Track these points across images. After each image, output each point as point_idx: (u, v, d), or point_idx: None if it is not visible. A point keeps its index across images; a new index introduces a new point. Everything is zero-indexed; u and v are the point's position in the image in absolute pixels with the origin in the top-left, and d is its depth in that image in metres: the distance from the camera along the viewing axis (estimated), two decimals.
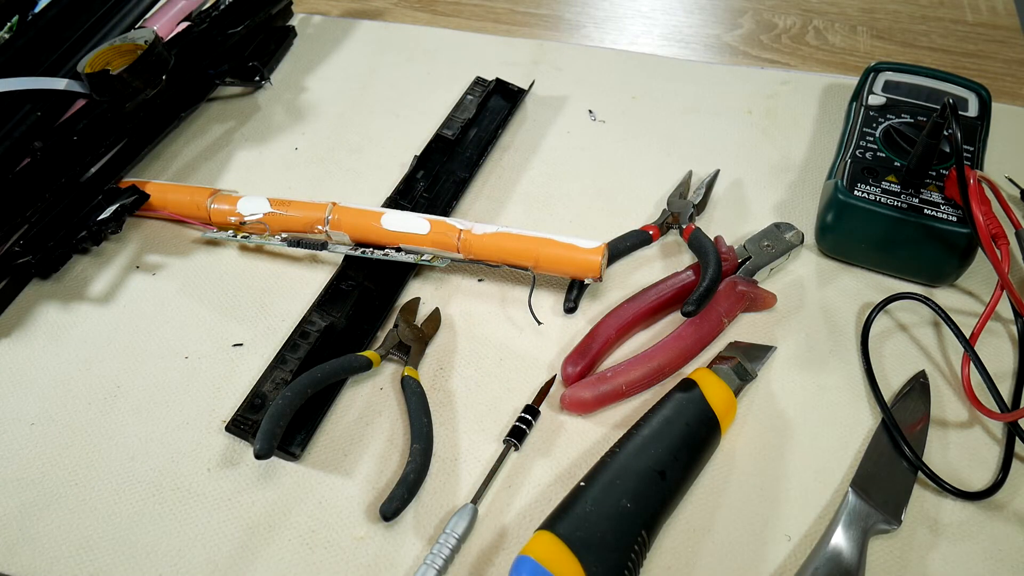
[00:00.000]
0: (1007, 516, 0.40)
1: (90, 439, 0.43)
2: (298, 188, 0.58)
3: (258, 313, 0.50)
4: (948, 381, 0.46)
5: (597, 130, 0.62)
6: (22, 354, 0.48)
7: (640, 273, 0.51)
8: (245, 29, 0.64)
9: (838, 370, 0.46)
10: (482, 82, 0.64)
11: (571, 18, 0.75)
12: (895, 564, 0.38)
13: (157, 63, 0.55)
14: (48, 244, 0.50)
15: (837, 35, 0.72)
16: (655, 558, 0.39)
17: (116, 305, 0.50)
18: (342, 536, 0.40)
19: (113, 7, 0.60)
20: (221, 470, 0.42)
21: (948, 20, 0.73)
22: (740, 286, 0.48)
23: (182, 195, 0.53)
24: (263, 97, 0.65)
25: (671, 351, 0.45)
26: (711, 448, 0.41)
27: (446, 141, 0.59)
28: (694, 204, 0.54)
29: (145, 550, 0.39)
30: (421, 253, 0.49)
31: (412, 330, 0.47)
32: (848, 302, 0.49)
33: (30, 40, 0.56)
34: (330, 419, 0.44)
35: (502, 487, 0.41)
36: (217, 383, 0.46)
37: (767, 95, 0.64)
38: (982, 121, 0.54)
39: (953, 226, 0.46)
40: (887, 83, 0.57)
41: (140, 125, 0.56)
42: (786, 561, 0.39)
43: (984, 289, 0.50)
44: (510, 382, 0.46)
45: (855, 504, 0.39)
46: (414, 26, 0.73)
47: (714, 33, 0.72)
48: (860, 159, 0.51)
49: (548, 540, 0.35)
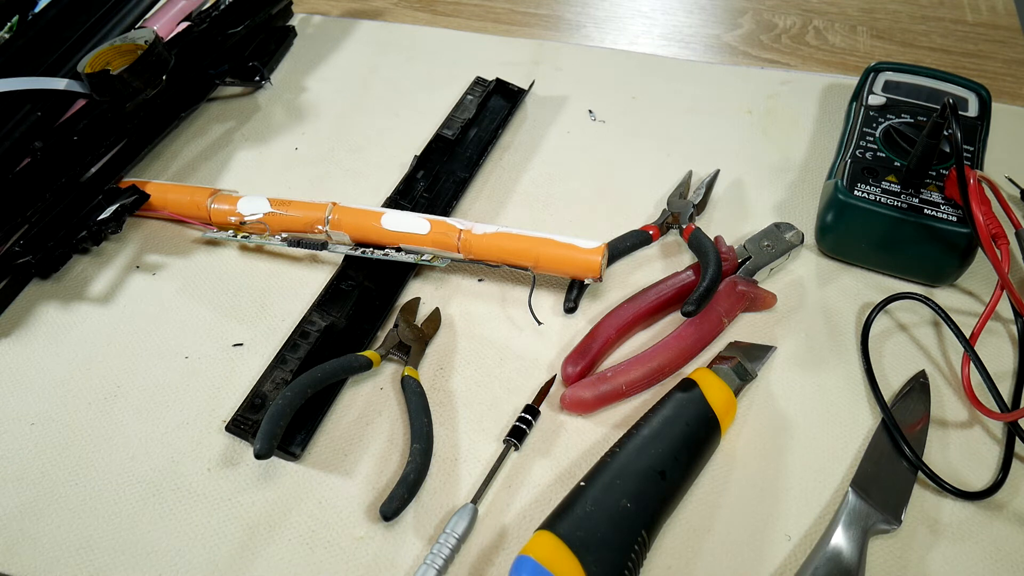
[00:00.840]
0: (1007, 516, 0.40)
1: (90, 439, 0.43)
2: (298, 188, 0.58)
3: (258, 313, 0.50)
4: (948, 381, 0.46)
5: (597, 130, 0.62)
6: (22, 354, 0.48)
7: (640, 273, 0.51)
8: (245, 29, 0.64)
9: (838, 370, 0.46)
10: (482, 82, 0.64)
11: (571, 18, 0.75)
12: (895, 564, 0.38)
13: (157, 63, 0.55)
14: (48, 244, 0.50)
15: (837, 35, 0.72)
16: (655, 558, 0.39)
17: (116, 305, 0.50)
18: (342, 536, 0.40)
19: (113, 7, 0.60)
20: (221, 470, 0.42)
21: (948, 20, 0.73)
22: (740, 286, 0.48)
23: (182, 195, 0.53)
24: (263, 97, 0.65)
25: (671, 351, 0.45)
26: (711, 448, 0.41)
27: (446, 141, 0.59)
28: (694, 204, 0.54)
29: (145, 550, 0.39)
30: (421, 253, 0.49)
31: (412, 330, 0.47)
32: (848, 302, 0.49)
33: (30, 40, 0.56)
34: (330, 419, 0.44)
35: (502, 487, 0.41)
36: (217, 383, 0.46)
37: (767, 95, 0.64)
38: (982, 121, 0.54)
39: (953, 226, 0.46)
40: (887, 83, 0.57)
41: (140, 125, 0.56)
42: (786, 561, 0.39)
43: (984, 289, 0.50)
44: (510, 382, 0.46)
45: (855, 504, 0.39)
46: (414, 26, 0.73)
47: (714, 33, 0.72)
48: (860, 159, 0.51)
49: (548, 540, 0.35)
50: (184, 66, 0.58)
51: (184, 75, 0.59)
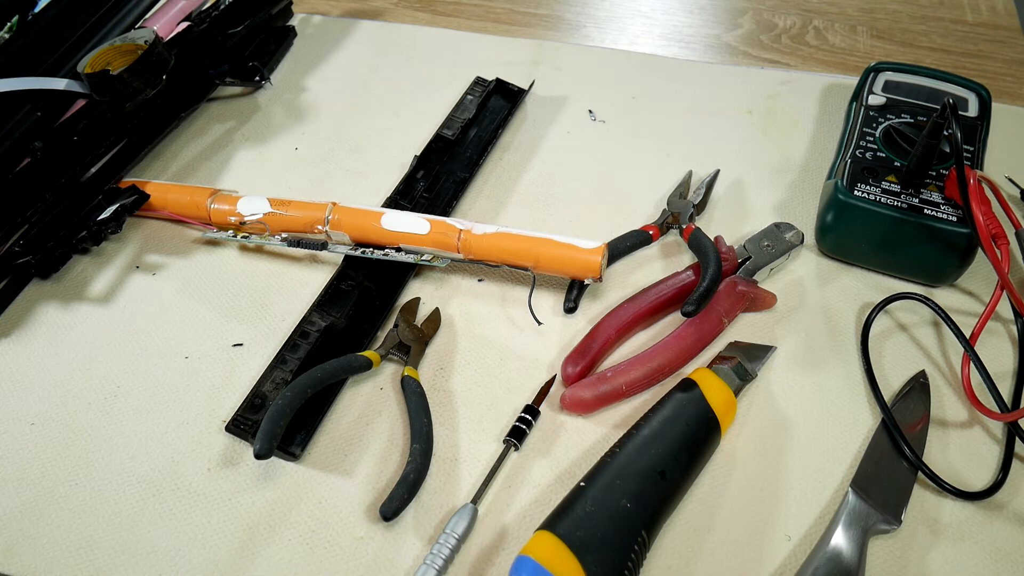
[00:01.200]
0: (1007, 516, 0.40)
1: (90, 439, 0.43)
2: (298, 188, 0.58)
3: (258, 313, 0.50)
4: (948, 381, 0.46)
5: (597, 130, 0.62)
6: (22, 354, 0.48)
7: (640, 273, 0.51)
8: (245, 29, 0.64)
9: (838, 370, 0.46)
10: (482, 82, 0.64)
11: (571, 18, 0.75)
12: (895, 564, 0.38)
13: (157, 63, 0.55)
14: (48, 244, 0.50)
15: (837, 35, 0.72)
16: (655, 558, 0.39)
17: (116, 305, 0.50)
18: (342, 536, 0.40)
19: (113, 7, 0.60)
20: (221, 470, 0.42)
21: (948, 20, 0.73)
22: (740, 286, 0.48)
23: (182, 195, 0.53)
24: (263, 97, 0.65)
25: (671, 351, 0.45)
26: (711, 448, 0.41)
27: (446, 141, 0.59)
28: (694, 204, 0.54)
29: (145, 550, 0.39)
30: (421, 253, 0.49)
31: (412, 330, 0.47)
32: (848, 302, 0.49)
33: (30, 40, 0.56)
34: (330, 419, 0.44)
35: (502, 487, 0.41)
36: (217, 383, 0.46)
37: (767, 95, 0.64)
38: (982, 121, 0.54)
39: (953, 226, 0.46)
40: (887, 83, 0.57)
41: (140, 125, 0.56)
42: (786, 561, 0.39)
43: (984, 289, 0.50)
44: (510, 382, 0.46)
45: (855, 504, 0.39)
46: (414, 26, 0.73)
47: (714, 33, 0.72)
48: (860, 159, 0.51)
49: (548, 540, 0.35)
50: (184, 66, 0.58)
51: (184, 75, 0.59)
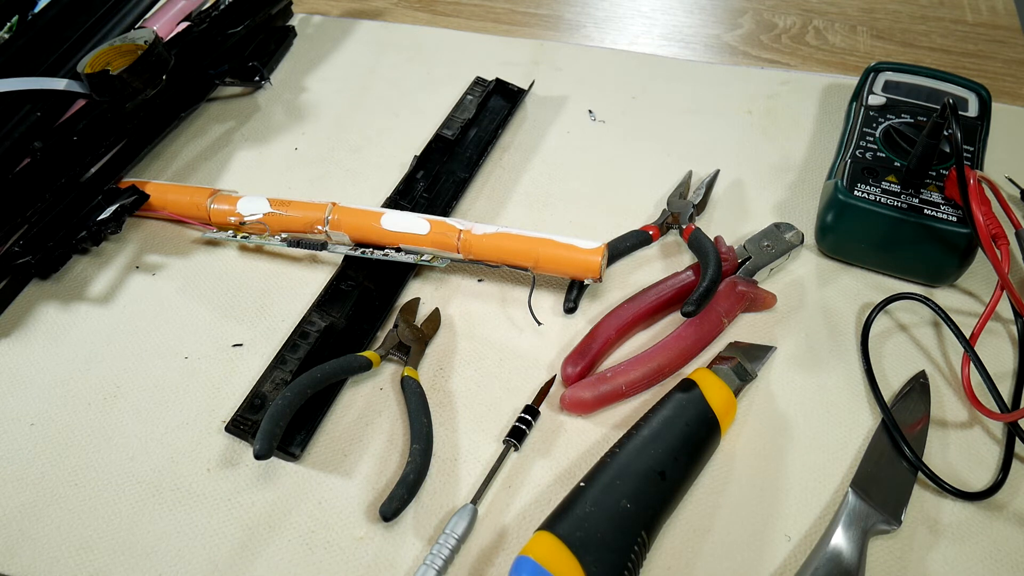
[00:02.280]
0: (1007, 516, 0.40)
1: (90, 439, 0.43)
2: (298, 188, 0.58)
3: (258, 313, 0.50)
4: (948, 381, 0.46)
5: (597, 130, 0.62)
6: (22, 354, 0.48)
7: (640, 273, 0.51)
8: (245, 29, 0.64)
9: (838, 370, 0.46)
10: (482, 82, 0.64)
11: (571, 18, 0.75)
12: (895, 564, 0.38)
13: (157, 63, 0.55)
14: (48, 244, 0.50)
15: (837, 35, 0.72)
16: (655, 558, 0.39)
17: (116, 305, 0.50)
18: (342, 536, 0.40)
19: (113, 7, 0.60)
20: (221, 470, 0.42)
21: (948, 20, 0.73)
22: (740, 286, 0.48)
23: (182, 195, 0.53)
24: (263, 97, 0.65)
25: (671, 351, 0.45)
26: (711, 448, 0.41)
27: (446, 141, 0.59)
28: (694, 204, 0.54)
29: (145, 550, 0.39)
30: (421, 253, 0.49)
31: (412, 330, 0.47)
32: (848, 302, 0.49)
33: (30, 40, 0.56)
34: (330, 419, 0.44)
35: (502, 487, 0.41)
36: (217, 383, 0.46)
37: (767, 95, 0.64)
38: (982, 121, 0.54)
39: (953, 226, 0.46)
40: (887, 83, 0.57)
41: (140, 125, 0.56)
42: (786, 561, 0.39)
43: (984, 289, 0.50)
44: (510, 382, 0.46)
45: (855, 504, 0.39)
46: (414, 26, 0.73)
47: (714, 33, 0.72)
48: (860, 159, 0.51)
49: (548, 540, 0.35)
50: (184, 66, 0.58)
51: (184, 75, 0.59)
